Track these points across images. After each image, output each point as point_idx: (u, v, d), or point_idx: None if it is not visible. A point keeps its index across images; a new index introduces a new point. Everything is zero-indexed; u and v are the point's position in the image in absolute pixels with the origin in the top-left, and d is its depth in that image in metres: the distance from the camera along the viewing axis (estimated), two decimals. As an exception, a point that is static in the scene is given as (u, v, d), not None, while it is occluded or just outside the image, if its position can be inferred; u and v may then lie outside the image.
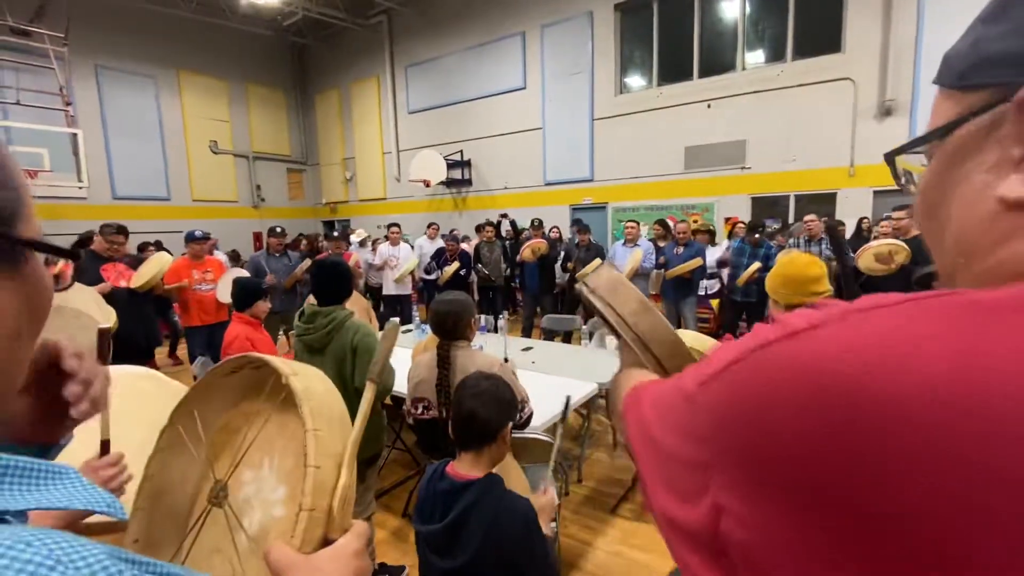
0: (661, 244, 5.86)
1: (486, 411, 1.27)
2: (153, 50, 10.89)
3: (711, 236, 6.49)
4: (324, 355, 2.06)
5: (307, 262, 5.66)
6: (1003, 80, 0.28)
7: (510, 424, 1.32)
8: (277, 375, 0.65)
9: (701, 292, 5.89)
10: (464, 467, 1.27)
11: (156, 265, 4.08)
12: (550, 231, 6.95)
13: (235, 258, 8.38)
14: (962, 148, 0.31)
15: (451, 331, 2.00)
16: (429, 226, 7.49)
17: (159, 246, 7.38)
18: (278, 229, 5.51)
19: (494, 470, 1.30)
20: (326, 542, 0.56)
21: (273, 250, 5.31)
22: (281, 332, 4.74)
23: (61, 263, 2.61)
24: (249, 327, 2.68)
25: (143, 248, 6.82)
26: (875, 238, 4.55)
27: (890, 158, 0.40)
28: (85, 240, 4.48)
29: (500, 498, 1.20)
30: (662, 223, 6.58)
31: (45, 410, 0.55)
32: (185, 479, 0.67)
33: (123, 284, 3.97)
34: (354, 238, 7.68)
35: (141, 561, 0.27)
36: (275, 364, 0.66)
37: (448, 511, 1.21)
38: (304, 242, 8.99)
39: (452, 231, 8.21)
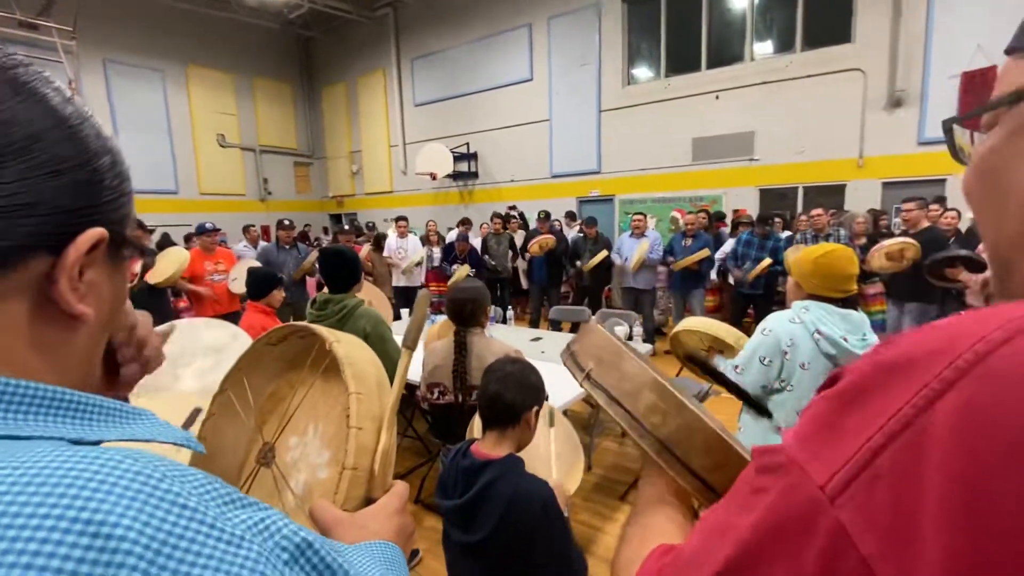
0: (690, 235, 5.61)
1: (511, 394, 1.30)
2: (161, 44, 10.93)
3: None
4: (339, 342, 2.10)
5: (315, 253, 5.71)
6: None
7: (535, 408, 1.34)
8: (321, 343, 0.69)
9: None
10: (487, 447, 1.31)
11: (176, 262, 4.13)
12: (552, 222, 6.92)
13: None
14: None
15: (468, 318, 2.04)
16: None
17: (166, 239, 7.45)
18: (286, 222, 5.58)
19: (523, 451, 1.33)
20: (368, 501, 0.60)
21: (283, 242, 5.39)
22: (291, 319, 4.80)
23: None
24: (264, 316, 2.72)
25: (163, 244, 6.84)
26: (900, 232, 4.50)
27: (948, 125, 0.39)
28: None
29: (519, 479, 1.23)
30: (706, 213, 6.29)
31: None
32: (236, 443, 0.71)
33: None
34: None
35: (226, 485, 0.30)
36: (320, 331, 0.70)
37: (469, 488, 1.24)
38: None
39: (459, 223, 8.14)
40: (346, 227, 7.31)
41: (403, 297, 6.27)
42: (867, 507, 0.23)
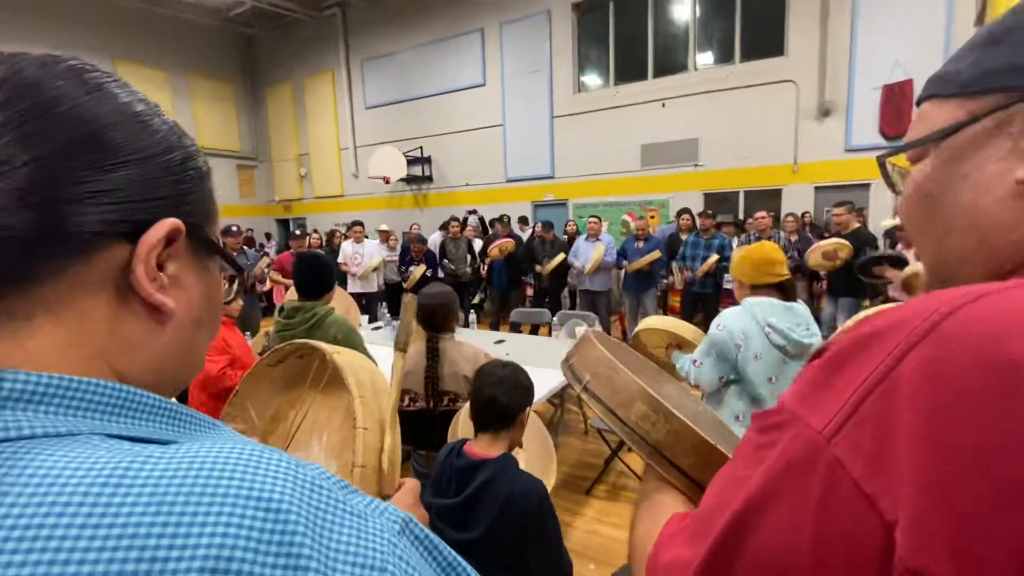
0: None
1: (506, 397, 1.33)
2: (86, 38, 10.21)
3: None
4: (308, 350, 2.06)
5: (265, 259, 5.51)
6: (1006, 85, 0.36)
7: (527, 409, 1.39)
8: (322, 357, 0.70)
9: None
10: (480, 447, 1.33)
11: None
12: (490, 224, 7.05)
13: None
14: (971, 143, 0.37)
15: (440, 323, 2.05)
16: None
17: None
18: (234, 228, 5.33)
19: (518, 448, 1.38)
20: (382, 499, 0.63)
21: (229, 250, 5.12)
22: (248, 335, 4.61)
23: None
24: (223, 327, 2.62)
25: None
26: (833, 234, 4.84)
27: (882, 161, 0.46)
28: None
29: (515, 477, 1.27)
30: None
31: None
32: None
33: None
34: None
35: (335, 475, 0.33)
36: (319, 346, 0.71)
37: (464, 487, 1.27)
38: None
39: (412, 226, 8.13)
40: (297, 232, 7.08)
41: (359, 303, 6.15)
42: (856, 442, 0.30)
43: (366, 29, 11.19)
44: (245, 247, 5.49)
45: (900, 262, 3.13)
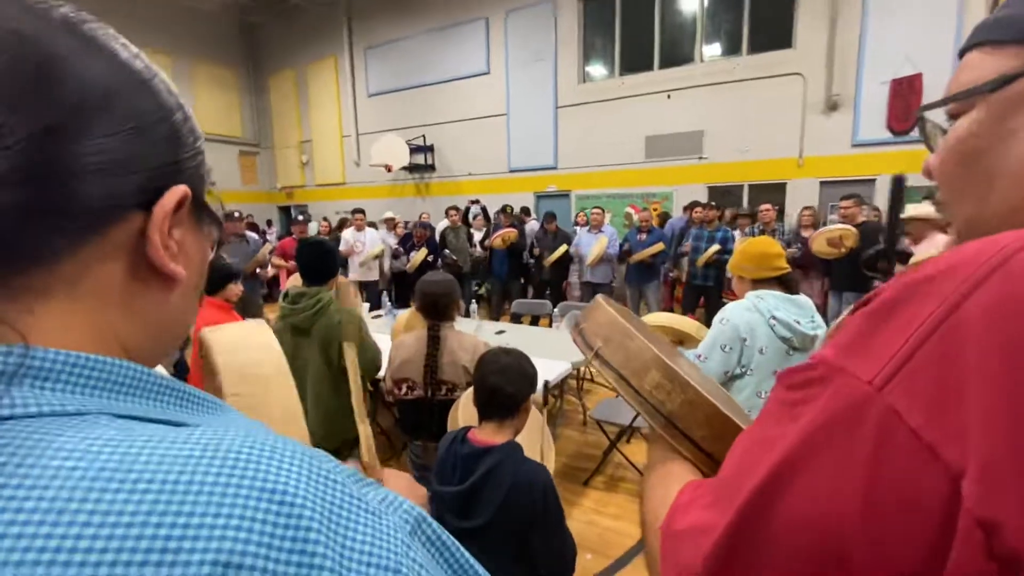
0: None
1: (512, 386, 1.31)
2: (88, 20, 10.13)
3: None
4: (310, 336, 2.05)
5: (268, 245, 5.49)
6: None
7: (531, 396, 1.37)
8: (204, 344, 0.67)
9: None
10: (485, 434, 1.32)
11: None
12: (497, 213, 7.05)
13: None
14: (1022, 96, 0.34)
15: (443, 311, 2.03)
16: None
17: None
18: (235, 214, 5.28)
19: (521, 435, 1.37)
20: None
21: (229, 235, 5.00)
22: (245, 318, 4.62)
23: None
24: (220, 311, 2.61)
25: None
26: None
27: (921, 114, 0.43)
28: None
29: (520, 464, 1.26)
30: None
31: None
32: None
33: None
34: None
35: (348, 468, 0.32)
36: (203, 334, 0.68)
37: (468, 474, 1.25)
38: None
39: (422, 215, 8.16)
40: (299, 218, 7.06)
41: (361, 290, 6.15)
42: (913, 388, 0.27)
43: (370, 16, 11.08)
44: (247, 232, 5.44)
45: (907, 257, 3.10)
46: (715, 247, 5.21)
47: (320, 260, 2.12)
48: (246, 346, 0.64)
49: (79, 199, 0.27)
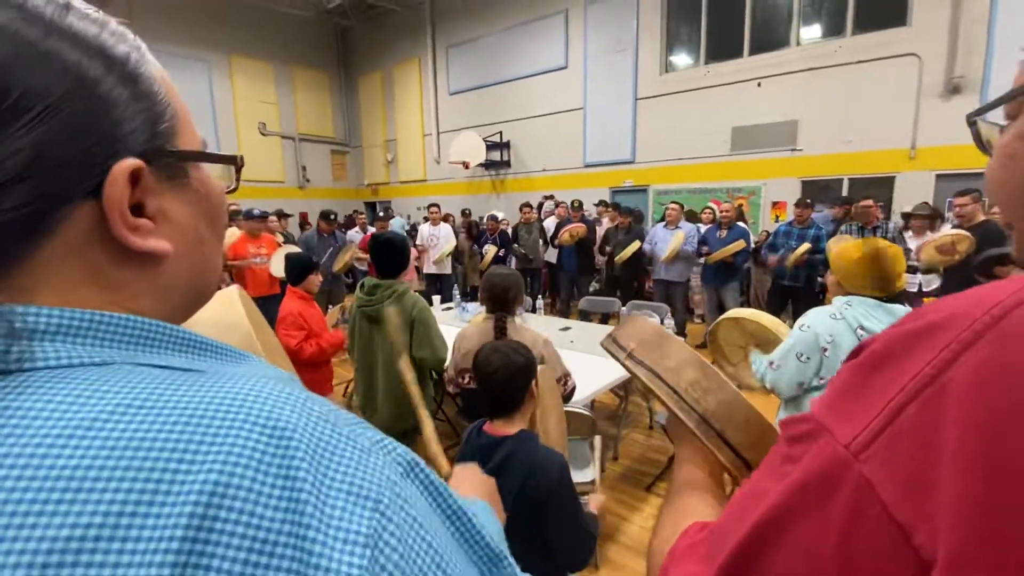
0: (725, 226, 5.36)
1: (507, 384, 1.33)
2: (206, 34, 11.27)
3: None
4: (383, 325, 2.17)
5: (353, 246, 5.87)
6: None
7: (533, 382, 1.38)
8: None
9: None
10: (499, 426, 1.35)
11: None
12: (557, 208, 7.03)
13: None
14: None
15: (508, 303, 2.07)
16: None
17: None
18: (331, 216, 5.83)
19: (538, 417, 1.40)
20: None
21: (322, 231, 5.72)
22: (328, 304, 4.99)
23: None
24: (303, 302, 2.81)
25: None
26: (954, 227, 4.20)
27: (974, 119, 0.39)
28: None
29: (535, 451, 1.28)
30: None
31: None
32: None
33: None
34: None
35: (346, 411, 0.33)
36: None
37: (485, 464, 1.28)
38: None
39: (502, 221, 8.27)
40: (381, 214, 7.48)
41: (434, 284, 6.37)
42: (889, 460, 0.25)
43: (452, 15, 11.37)
44: (335, 231, 5.93)
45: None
46: (805, 246, 4.82)
47: (391, 254, 2.23)
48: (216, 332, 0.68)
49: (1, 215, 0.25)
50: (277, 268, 4.45)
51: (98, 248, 0.30)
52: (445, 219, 7.28)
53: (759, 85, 7.66)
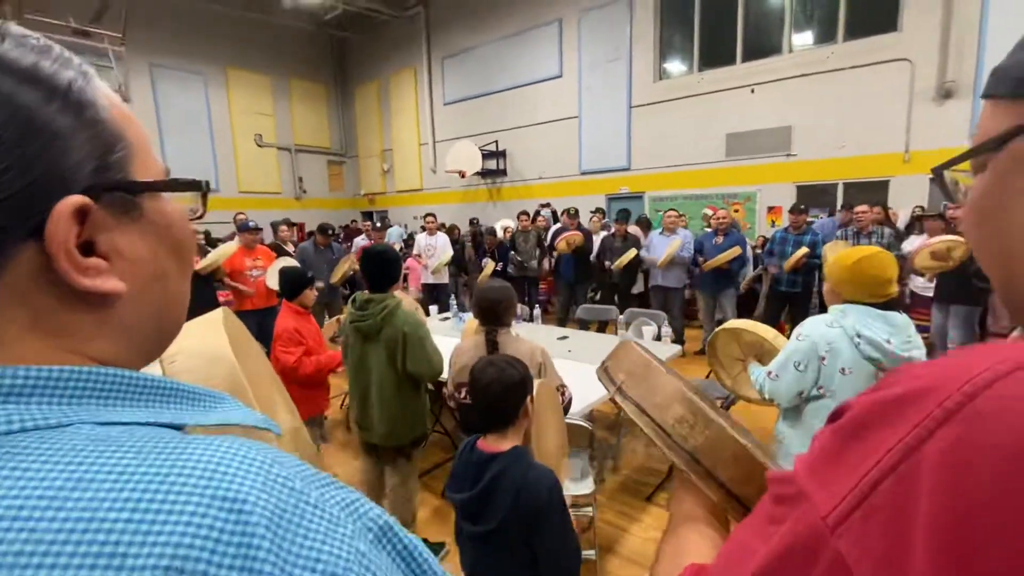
0: (721, 232, 5.36)
1: (501, 398, 1.32)
2: (202, 47, 11.32)
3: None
4: (377, 341, 2.14)
5: (350, 256, 5.88)
6: None
7: (528, 398, 1.37)
8: None
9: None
10: (491, 442, 1.34)
11: (220, 251, 4.49)
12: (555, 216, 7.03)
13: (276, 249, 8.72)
14: None
15: (499, 317, 2.05)
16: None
17: (207, 236, 7.74)
18: (330, 231, 5.86)
19: (533, 434, 1.39)
20: None
21: (319, 244, 5.72)
22: (326, 315, 4.97)
23: None
24: (299, 317, 2.78)
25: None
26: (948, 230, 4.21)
27: (939, 172, 0.40)
28: None
29: (527, 467, 1.27)
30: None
31: None
32: None
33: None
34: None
35: (315, 469, 0.32)
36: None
37: (478, 481, 1.28)
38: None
39: (506, 230, 8.24)
40: (378, 224, 7.47)
41: (431, 294, 6.35)
42: (863, 537, 0.25)
43: (447, 25, 11.44)
44: (332, 243, 5.93)
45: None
46: (803, 250, 4.83)
47: (383, 268, 2.21)
48: (201, 363, 0.63)
49: None
50: (273, 281, 4.45)
51: (45, 291, 0.28)
52: (444, 228, 7.29)
53: (752, 91, 7.70)
